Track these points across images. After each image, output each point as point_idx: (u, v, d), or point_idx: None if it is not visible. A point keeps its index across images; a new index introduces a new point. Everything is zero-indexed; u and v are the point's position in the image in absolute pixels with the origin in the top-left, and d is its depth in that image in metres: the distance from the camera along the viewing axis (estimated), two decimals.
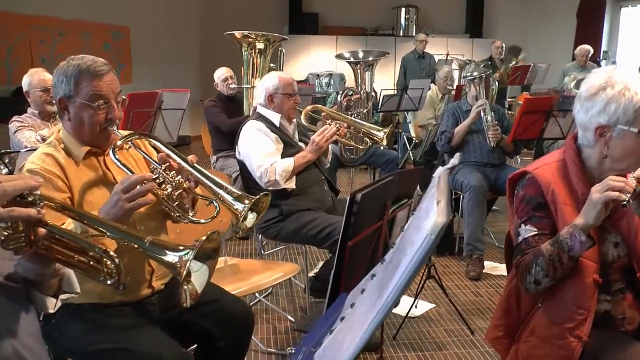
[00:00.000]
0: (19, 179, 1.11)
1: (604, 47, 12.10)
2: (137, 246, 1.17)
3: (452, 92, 6.54)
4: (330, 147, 3.24)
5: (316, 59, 10.76)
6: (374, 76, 5.96)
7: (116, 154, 1.81)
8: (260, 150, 2.98)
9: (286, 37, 5.07)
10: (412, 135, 6.95)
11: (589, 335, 1.66)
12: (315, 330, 1.07)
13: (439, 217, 0.63)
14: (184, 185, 1.75)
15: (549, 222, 1.74)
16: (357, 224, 1.47)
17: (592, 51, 8.11)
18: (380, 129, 3.45)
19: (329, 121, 3.29)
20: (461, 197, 4.22)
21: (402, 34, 11.59)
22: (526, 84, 8.77)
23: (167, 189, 1.73)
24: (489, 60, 8.80)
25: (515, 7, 12.14)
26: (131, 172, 1.78)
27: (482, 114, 4.21)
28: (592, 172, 1.76)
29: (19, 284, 1.30)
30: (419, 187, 3.15)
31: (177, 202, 1.74)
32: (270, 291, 3.59)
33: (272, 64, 4.86)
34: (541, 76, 8.73)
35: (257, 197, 1.83)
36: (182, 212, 1.74)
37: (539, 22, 11.95)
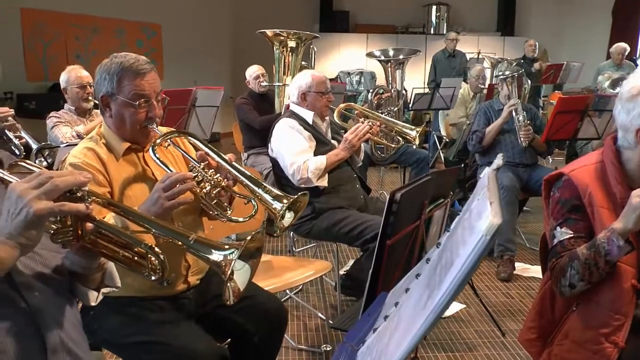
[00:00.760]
0: (70, 175, 1.13)
1: None
2: (181, 243, 1.19)
3: (484, 91, 6.47)
4: (362, 145, 3.25)
5: (347, 57, 10.75)
6: (405, 74, 5.94)
7: (155, 151, 1.83)
8: (293, 147, 2.99)
9: (317, 35, 5.07)
10: (443, 134, 6.90)
11: (626, 341, 1.63)
12: (356, 328, 1.08)
13: (494, 218, 0.63)
14: (223, 183, 1.76)
15: (585, 225, 1.71)
16: (396, 223, 1.47)
17: (628, 49, 7.91)
18: (413, 127, 3.44)
19: (362, 119, 3.28)
20: None
21: (432, 31, 11.51)
22: (559, 83, 8.62)
23: (205, 187, 1.75)
24: (522, 59, 8.69)
25: (548, 4, 11.93)
26: (170, 169, 1.81)
27: (514, 113, 4.16)
28: (632, 175, 1.72)
29: (64, 276, 1.34)
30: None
31: (215, 200, 1.76)
32: (300, 288, 3.60)
33: (303, 62, 4.88)
34: (574, 75, 8.58)
35: (295, 196, 1.84)
36: (220, 210, 1.76)
37: (573, 19, 11.74)
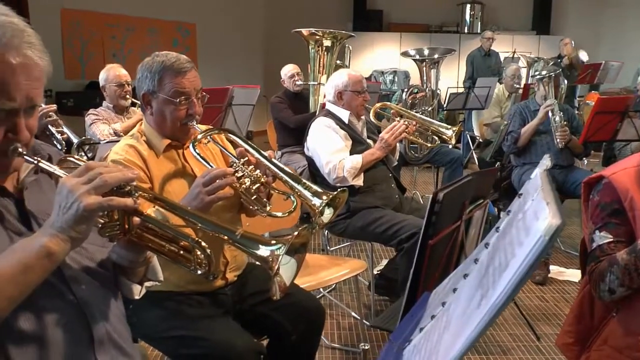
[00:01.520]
0: (118, 171, 1.15)
1: None
2: (227, 238, 1.19)
3: (519, 91, 6.38)
4: (397, 144, 3.24)
5: (380, 56, 10.71)
6: (440, 74, 5.90)
7: (196, 147, 1.86)
8: (329, 146, 3.00)
9: (353, 34, 5.07)
10: (476, 134, 6.83)
11: None
12: (401, 327, 1.08)
13: (553, 218, 0.62)
14: (262, 179, 1.77)
15: (625, 229, 1.66)
16: (438, 223, 1.46)
17: None
18: (449, 127, 3.41)
19: (398, 119, 3.27)
20: None
21: (466, 30, 11.39)
22: (596, 83, 8.44)
23: (245, 183, 1.76)
24: (557, 58, 8.54)
25: (585, 1, 11.68)
26: (210, 165, 1.83)
27: (550, 114, 4.09)
28: None
29: (109, 270, 1.37)
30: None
31: (255, 196, 1.77)
32: (334, 287, 3.61)
33: (338, 61, 4.88)
34: (613, 75, 8.40)
35: (335, 193, 1.84)
36: (260, 206, 1.77)
37: (611, 17, 11.45)
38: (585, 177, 1.85)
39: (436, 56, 6.15)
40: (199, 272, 1.22)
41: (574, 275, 3.89)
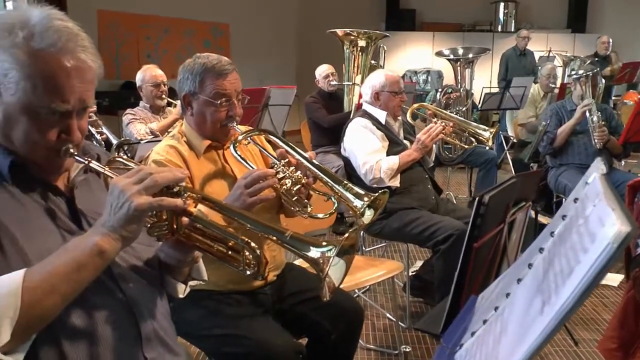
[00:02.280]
0: (168, 172, 1.17)
1: None
2: (276, 239, 1.19)
3: (555, 91, 6.27)
4: (433, 146, 3.22)
5: (413, 55, 10.63)
6: (474, 73, 5.84)
7: (236, 148, 1.88)
8: (365, 147, 3.00)
9: (388, 34, 5.05)
10: (510, 134, 6.73)
11: None
12: (451, 331, 1.07)
13: (621, 225, 0.61)
14: (303, 180, 1.77)
15: None
16: (482, 226, 1.45)
17: None
18: (486, 128, 3.38)
19: (435, 120, 3.25)
20: (564, 200, 4.05)
21: (500, 29, 11.22)
22: (635, 82, 8.23)
23: (286, 184, 1.77)
24: (594, 56, 8.35)
25: None
26: (252, 166, 1.85)
27: (587, 114, 4.01)
28: None
29: (155, 269, 1.39)
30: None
31: (295, 197, 1.78)
32: (368, 287, 3.60)
33: (372, 61, 4.87)
34: None
35: (376, 194, 1.84)
36: (301, 207, 1.78)
37: None
38: (624, 178, 1.82)
39: (470, 55, 6.10)
40: (248, 272, 1.22)
41: (612, 279, 3.80)
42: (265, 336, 1.80)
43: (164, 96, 4.04)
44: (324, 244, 1.17)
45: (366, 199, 1.81)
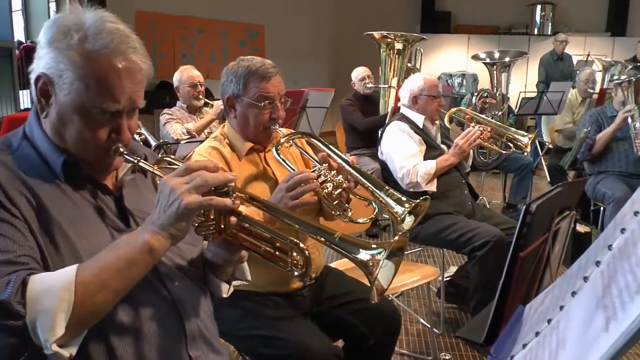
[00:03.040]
0: (218, 171, 1.17)
1: None
2: (324, 240, 1.18)
3: (594, 96, 6.14)
4: (470, 151, 3.19)
5: (448, 58, 10.53)
6: (511, 77, 5.76)
7: (279, 151, 1.88)
8: (403, 151, 2.99)
9: (425, 37, 5.02)
10: (545, 140, 6.62)
11: None
12: (500, 342, 1.06)
13: None
14: (344, 184, 1.77)
15: None
16: (528, 235, 1.43)
17: None
18: (525, 134, 3.32)
19: (473, 124, 3.22)
20: (602, 209, 3.97)
21: (536, 32, 11.03)
22: None
23: (327, 188, 1.76)
24: (632, 60, 8.16)
25: None
26: (294, 169, 1.85)
27: (629, 120, 3.92)
28: None
29: (198, 268, 1.40)
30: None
31: (336, 201, 1.78)
32: (401, 292, 3.58)
33: (409, 64, 4.85)
34: None
35: (417, 201, 1.83)
36: (341, 211, 1.78)
37: None
38: None
39: (507, 59, 6.02)
40: (296, 273, 1.21)
41: None
42: (303, 339, 1.80)
43: (200, 96, 4.08)
44: (374, 246, 1.16)
45: (407, 206, 1.80)
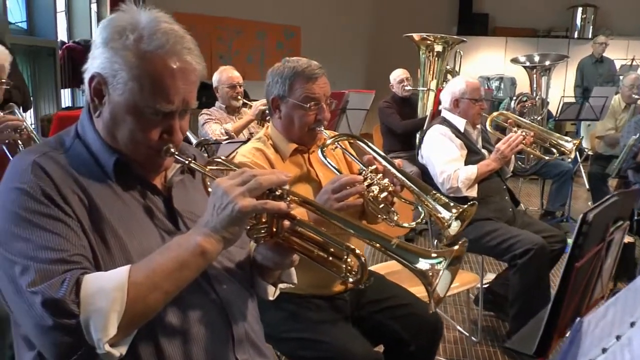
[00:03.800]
0: (272, 174, 1.16)
1: None
2: (379, 246, 1.15)
3: (639, 102, 5.97)
4: (512, 156, 3.13)
5: (485, 61, 10.34)
6: (551, 81, 5.65)
7: (324, 153, 1.87)
8: (444, 155, 2.95)
9: (465, 39, 4.96)
10: (585, 146, 6.46)
11: None
12: (562, 356, 1.02)
13: None
14: (390, 188, 1.74)
15: None
16: (584, 245, 1.38)
17: None
18: (569, 139, 3.25)
19: (515, 129, 3.16)
20: None
21: (576, 35, 10.77)
22: None
23: (373, 191, 1.74)
24: None
25: None
26: (339, 171, 1.83)
27: None
28: None
29: (246, 271, 1.39)
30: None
31: (382, 205, 1.75)
32: None
33: (448, 66, 4.79)
34: None
35: (465, 206, 1.79)
36: (387, 215, 1.75)
37: None
38: None
39: (547, 63, 5.91)
40: (350, 279, 1.19)
41: None
42: (345, 343, 1.78)
43: (239, 97, 4.09)
44: (434, 255, 1.13)
45: (455, 211, 1.76)
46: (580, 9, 10.81)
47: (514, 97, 5.55)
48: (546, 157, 3.43)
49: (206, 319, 1.22)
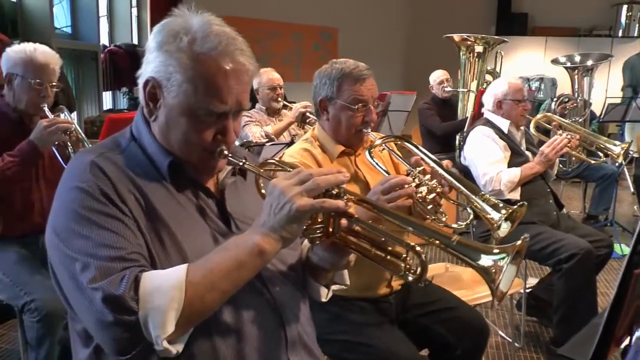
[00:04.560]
0: (329, 173, 1.15)
1: None
2: (439, 243, 1.13)
3: None
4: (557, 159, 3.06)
5: (524, 61, 10.13)
6: (594, 82, 5.51)
7: (372, 154, 1.86)
8: (487, 157, 2.91)
9: (506, 39, 4.88)
10: (631, 148, 6.28)
11: None
12: None
13: None
14: (438, 189, 1.73)
15: None
16: None
17: None
18: (617, 143, 3.17)
19: (560, 132, 3.10)
20: None
21: (620, 34, 10.46)
22: None
23: (421, 192, 1.72)
24: None
25: None
26: (387, 172, 1.82)
27: None
28: None
29: (298, 273, 1.38)
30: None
31: (430, 205, 1.73)
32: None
33: (488, 67, 4.73)
34: None
35: (514, 207, 1.77)
36: (436, 216, 1.73)
37: None
38: None
39: (590, 63, 5.77)
40: (410, 278, 1.17)
41: None
42: (391, 346, 1.78)
43: (279, 99, 4.10)
44: (496, 251, 1.10)
45: (504, 212, 1.74)
46: (625, 7, 10.50)
47: (555, 99, 5.43)
48: (592, 161, 3.34)
49: (260, 319, 1.22)
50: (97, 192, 1.11)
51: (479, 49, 4.47)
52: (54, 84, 2.43)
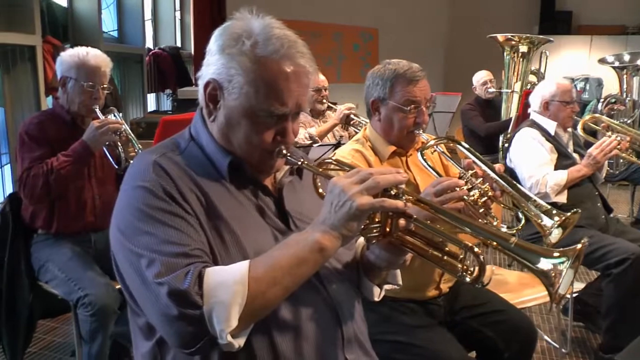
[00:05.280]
0: (388, 173, 1.17)
1: None
2: (496, 244, 1.13)
3: None
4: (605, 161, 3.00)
5: (568, 61, 9.86)
6: None
7: (424, 156, 1.87)
8: (533, 159, 2.87)
9: (551, 39, 4.80)
10: None
11: None
12: None
13: None
14: (490, 193, 1.72)
15: None
16: None
17: None
18: None
19: (609, 133, 3.04)
20: None
21: None
22: None
23: (473, 195, 1.72)
24: None
25: None
26: (439, 175, 1.83)
27: None
28: None
29: (352, 271, 1.41)
30: None
31: (481, 209, 1.73)
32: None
33: (533, 68, 4.66)
34: None
35: (567, 214, 1.75)
36: (486, 220, 1.73)
37: None
38: None
39: (639, 62, 5.62)
40: (467, 279, 1.18)
41: None
42: (441, 348, 1.78)
43: (324, 101, 4.10)
44: (556, 254, 1.09)
45: (557, 219, 1.72)
46: None
47: (601, 99, 5.31)
48: None
49: (317, 316, 1.24)
50: (160, 190, 1.15)
51: (524, 49, 4.41)
52: (105, 86, 2.52)
